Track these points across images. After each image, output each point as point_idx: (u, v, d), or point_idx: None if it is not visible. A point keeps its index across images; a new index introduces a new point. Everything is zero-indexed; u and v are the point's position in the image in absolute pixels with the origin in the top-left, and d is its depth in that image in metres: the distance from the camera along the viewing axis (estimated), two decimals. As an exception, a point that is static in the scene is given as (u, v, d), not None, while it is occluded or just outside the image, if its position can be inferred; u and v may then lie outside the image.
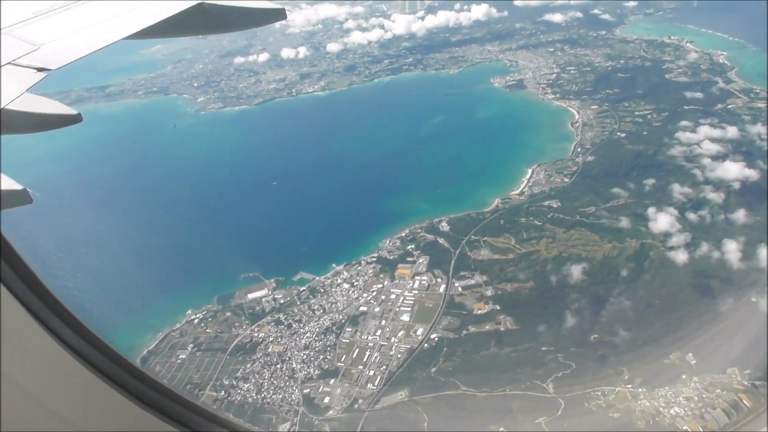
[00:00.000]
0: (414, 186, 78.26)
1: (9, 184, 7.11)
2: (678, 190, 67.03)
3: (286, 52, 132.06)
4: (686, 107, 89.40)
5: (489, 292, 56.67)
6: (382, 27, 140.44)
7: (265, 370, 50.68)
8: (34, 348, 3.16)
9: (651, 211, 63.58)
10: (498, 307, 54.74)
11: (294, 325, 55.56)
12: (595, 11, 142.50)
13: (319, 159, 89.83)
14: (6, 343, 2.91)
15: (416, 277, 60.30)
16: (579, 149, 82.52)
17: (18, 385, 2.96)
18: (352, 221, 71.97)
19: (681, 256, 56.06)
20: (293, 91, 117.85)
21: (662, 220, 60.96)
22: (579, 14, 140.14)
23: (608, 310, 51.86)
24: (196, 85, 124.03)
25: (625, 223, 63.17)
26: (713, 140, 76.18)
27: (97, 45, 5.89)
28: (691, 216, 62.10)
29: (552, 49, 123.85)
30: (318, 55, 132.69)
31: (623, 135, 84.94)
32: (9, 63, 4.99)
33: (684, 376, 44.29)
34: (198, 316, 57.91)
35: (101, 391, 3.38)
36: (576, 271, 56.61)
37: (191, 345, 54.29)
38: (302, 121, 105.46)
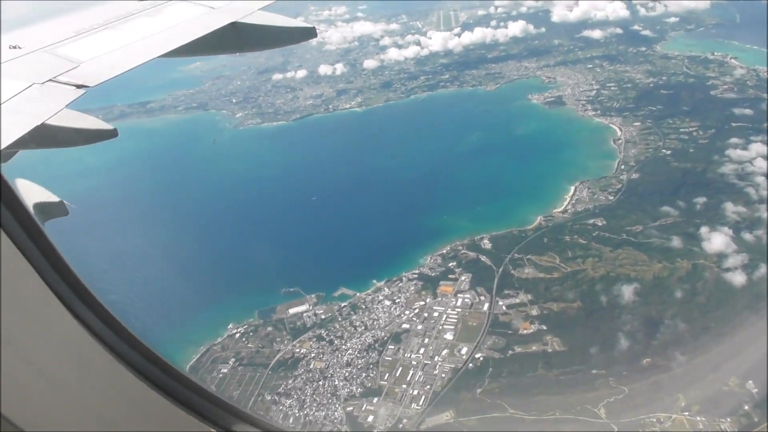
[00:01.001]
0: (454, 203, 77.68)
1: (46, 196, 7.54)
2: (731, 209, 64.97)
3: (323, 69, 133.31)
4: (734, 124, 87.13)
5: (535, 312, 55.45)
6: (418, 44, 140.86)
7: (307, 386, 50.17)
8: (66, 338, 3.15)
9: (704, 230, 61.66)
10: (545, 327, 53.44)
11: (336, 342, 55.05)
12: (635, 27, 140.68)
13: (358, 175, 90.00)
14: (37, 334, 2.93)
15: (459, 295, 59.43)
16: (623, 166, 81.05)
17: (45, 373, 2.96)
18: (393, 237, 71.66)
19: (738, 278, 54.02)
20: (330, 107, 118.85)
21: (716, 240, 59.00)
22: (618, 30, 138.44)
23: (662, 332, 50.12)
24: (234, 101, 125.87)
25: (675, 242, 61.41)
26: (767, 158, 73.88)
27: (134, 63, 6.06)
28: (747, 236, 59.98)
29: (591, 66, 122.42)
30: (354, 71, 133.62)
31: (668, 152, 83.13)
32: (50, 80, 5.20)
33: (746, 407, 42.21)
34: (240, 330, 57.88)
35: (127, 381, 3.41)
36: (626, 291, 55.00)
37: (233, 359, 54.17)
38: (340, 137, 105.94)
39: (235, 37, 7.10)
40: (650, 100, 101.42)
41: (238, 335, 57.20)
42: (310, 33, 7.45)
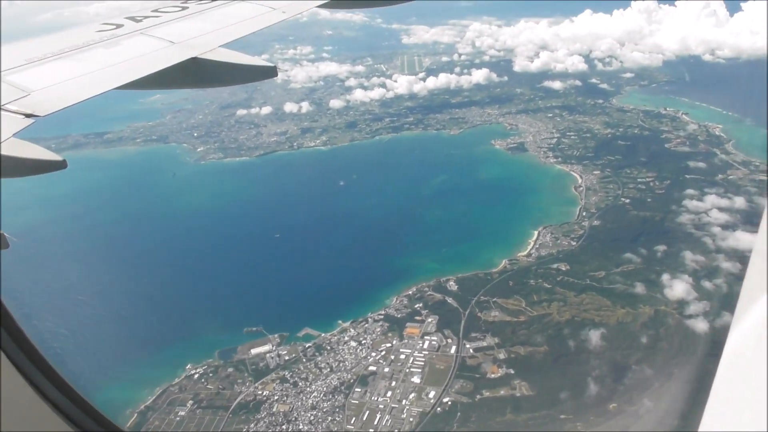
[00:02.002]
0: (419, 244, 78.03)
1: (-17, 227, 7.88)
2: (690, 257, 67.34)
3: (288, 107, 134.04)
4: (689, 176, 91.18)
5: (502, 355, 55.65)
6: (383, 86, 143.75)
7: (270, 430, 48.50)
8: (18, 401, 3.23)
9: (665, 277, 63.57)
10: (513, 371, 53.61)
11: (300, 384, 53.81)
12: (593, 80, 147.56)
13: (322, 213, 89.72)
14: None
15: (426, 337, 59.23)
16: (584, 213, 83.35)
17: None
18: (358, 277, 71.26)
19: (701, 325, 55.64)
20: (294, 144, 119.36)
21: (678, 288, 60.89)
22: (577, 82, 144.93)
23: (629, 377, 50.88)
24: (196, 134, 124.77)
25: (638, 288, 63.02)
26: (721, 209, 77.35)
27: (88, 93, 6.01)
28: (707, 284, 62.12)
29: (551, 115, 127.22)
30: (320, 110, 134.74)
31: (627, 201, 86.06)
32: None
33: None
34: (198, 370, 55.98)
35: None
36: (593, 336, 55.89)
37: (191, 401, 52.11)
38: (304, 175, 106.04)
39: (195, 72, 7.16)
40: (609, 150, 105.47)
41: (196, 376, 55.28)
42: (270, 72, 7.54)
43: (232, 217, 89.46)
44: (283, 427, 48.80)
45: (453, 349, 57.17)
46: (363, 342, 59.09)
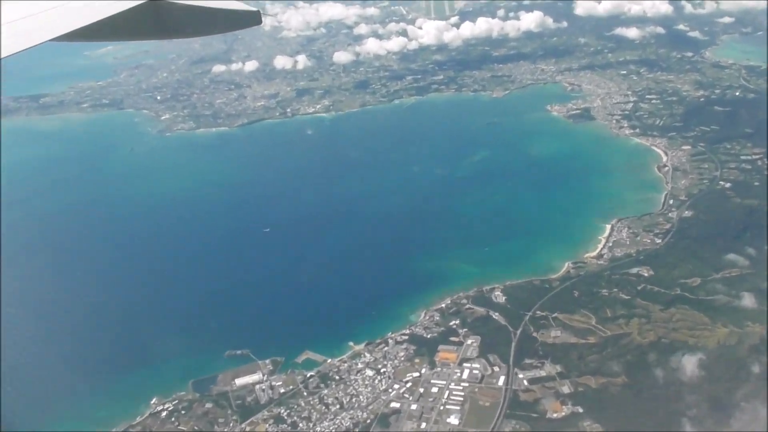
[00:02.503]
0: (454, 241, 77.94)
1: None
2: (815, 259, 66.22)
3: (280, 61, 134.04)
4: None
5: (567, 389, 54.98)
6: (404, 34, 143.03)
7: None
8: None
9: (782, 286, 62.48)
10: (580, 410, 52.92)
11: (301, 425, 53.46)
12: (680, 27, 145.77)
13: (327, 202, 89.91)
14: None
15: (465, 365, 58.65)
16: (671, 201, 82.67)
17: None
18: (374, 285, 71.00)
19: (831, 349, 54.54)
20: (288, 110, 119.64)
21: (799, 299, 59.75)
22: (659, 29, 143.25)
23: (736, 418, 49.94)
24: (159, 98, 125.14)
25: (747, 300, 61.97)
26: None
27: (17, 46, 5.90)
28: (839, 295, 60.96)
29: (625, 72, 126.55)
30: (321, 66, 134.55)
31: (728, 185, 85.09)
32: None
33: None
34: (167, 406, 55.81)
35: None
36: (687, 363, 55.01)
37: (158, 449, 51.99)
38: (301, 151, 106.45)
39: (156, 19, 6.95)
40: (702, 118, 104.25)
41: (164, 413, 55.13)
42: (253, 18, 7.47)
43: (207, 207, 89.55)
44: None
45: (501, 380, 56.38)
46: (382, 370, 58.57)
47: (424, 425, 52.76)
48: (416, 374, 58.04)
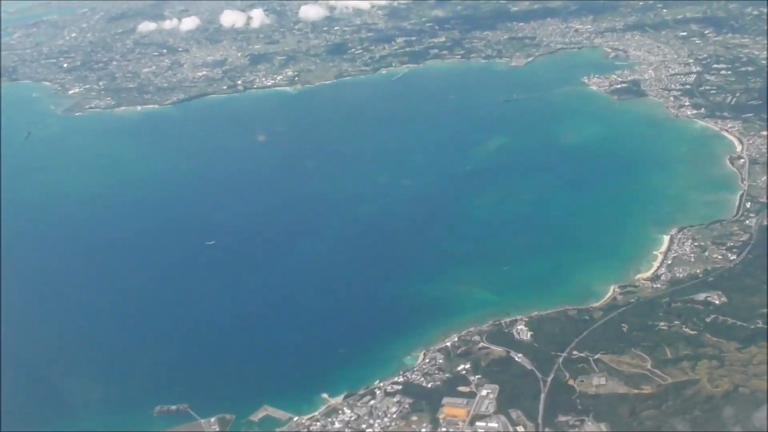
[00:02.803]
0: (464, 258, 77.26)
1: None
2: None
3: (229, 18, 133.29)
4: None
5: (615, 456, 54.00)
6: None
7: None
8: None
9: None
10: (636, 487, 52.00)
11: None
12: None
13: (292, 206, 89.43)
14: None
15: (478, 424, 57.36)
16: (749, 204, 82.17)
17: None
18: (358, 317, 70.27)
19: None
20: (239, 83, 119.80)
21: None
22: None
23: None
24: (66, 65, 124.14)
25: None
26: None
27: None
28: None
29: (685, 34, 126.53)
30: (283, 24, 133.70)
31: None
32: None
33: None
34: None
35: None
36: (777, 422, 54.00)
37: None
38: (256, 137, 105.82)
39: None
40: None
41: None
42: None
43: (130, 213, 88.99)
44: None
45: (527, 445, 55.35)
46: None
47: (424, 508, 51.81)
48: (413, 437, 56.93)
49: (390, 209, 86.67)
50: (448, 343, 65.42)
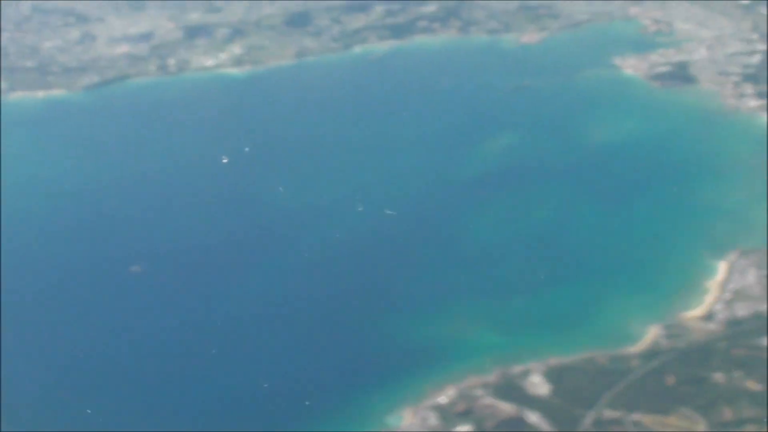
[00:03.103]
0: (464, 289, 78.18)
1: None
2: None
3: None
4: None
5: None
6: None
7: None
8: None
9: None
10: None
11: None
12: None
13: (240, 222, 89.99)
14: None
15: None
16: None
17: None
18: (327, 362, 70.95)
19: None
20: (170, 62, 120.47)
21: None
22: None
23: None
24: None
25: None
26: None
27: None
28: None
29: (747, 2, 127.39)
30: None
31: None
32: None
33: None
34: None
35: None
36: None
37: None
38: (194, 132, 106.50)
39: None
40: None
41: None
42: None
43: (27, 230, 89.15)
44: None
45: None
46: None
47: None
48: None
49: (370, 227, 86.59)
50: (444, 398, 65.83)
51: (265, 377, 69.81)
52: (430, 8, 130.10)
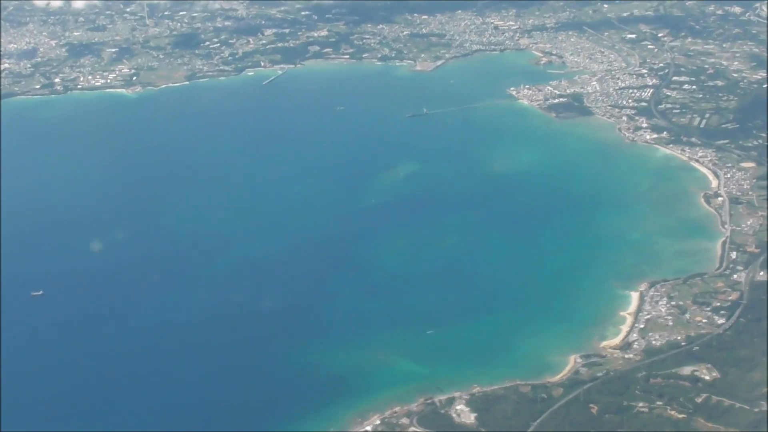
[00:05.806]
0: (375, 318, 77.60)
1: None
2: None
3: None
4: None
5: None
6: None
7: None
8: None
9: None
10: None
11: None
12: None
13: (138, 247, 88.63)
14: None
15: None
16: (735, 254, 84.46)
17: None
18: (239, 393, 69.21)
19: None
20: (56, 81, 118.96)
21: None
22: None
23: None
24: None
25: None
26: None
27: None
28: None
29: (634, 36, 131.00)
30: (110, 5, 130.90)
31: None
32: None
33: None
34: None
35: None
36: None
37: None
38: (86, 152, 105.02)
39: None
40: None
41: None
42: None
43: None
44: None
45: None
46: None
47: None
48: None
49: (272, 256, 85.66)
50: (368, 427, 64.90)
51: (176, 410, 67.95)
52: (321, 33, 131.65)
